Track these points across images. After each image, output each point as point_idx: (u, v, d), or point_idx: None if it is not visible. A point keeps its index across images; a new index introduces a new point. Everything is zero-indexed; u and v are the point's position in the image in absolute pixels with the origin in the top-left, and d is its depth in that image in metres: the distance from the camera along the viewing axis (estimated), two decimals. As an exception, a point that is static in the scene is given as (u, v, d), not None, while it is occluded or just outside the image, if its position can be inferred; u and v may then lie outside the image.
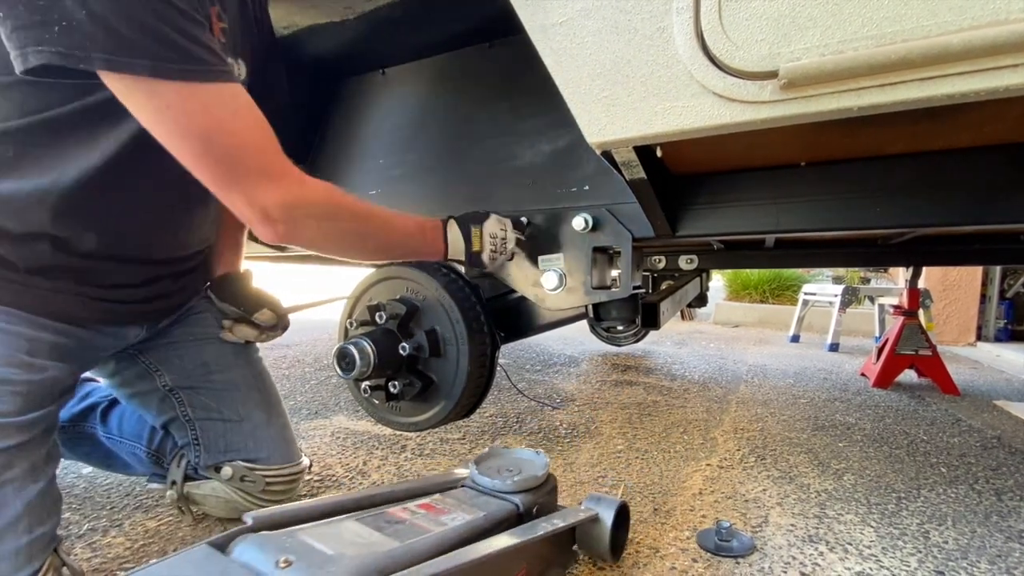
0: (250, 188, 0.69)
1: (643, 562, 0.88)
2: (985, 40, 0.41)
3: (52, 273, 0.76)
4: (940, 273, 3.62)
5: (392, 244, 0.91)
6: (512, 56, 1.16)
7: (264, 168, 0.70)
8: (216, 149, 0.65)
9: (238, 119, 0.67)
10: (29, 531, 0.70)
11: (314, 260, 2.29)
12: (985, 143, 0.82)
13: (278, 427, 1.02)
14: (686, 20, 0.52)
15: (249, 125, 0.68)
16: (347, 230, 0.83)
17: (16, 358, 0.72)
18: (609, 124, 0.59)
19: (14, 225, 0.71)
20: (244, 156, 0.68)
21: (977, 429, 1.64)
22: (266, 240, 0.73)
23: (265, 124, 0.70)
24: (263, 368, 1.08)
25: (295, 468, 1.01)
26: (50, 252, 0.74)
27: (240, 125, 0.67)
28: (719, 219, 1.02)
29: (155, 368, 0.98)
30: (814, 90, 0.48)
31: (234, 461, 0.96)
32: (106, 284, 0.82)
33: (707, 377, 2.33)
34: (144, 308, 0.90)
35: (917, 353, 2.19)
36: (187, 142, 0.64)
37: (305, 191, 0.74)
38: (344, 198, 0.81)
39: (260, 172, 0.69)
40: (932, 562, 0.89)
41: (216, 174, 0.67)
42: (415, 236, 0.93)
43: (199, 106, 0.63)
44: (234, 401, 0.99)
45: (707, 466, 1.29)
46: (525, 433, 1.52)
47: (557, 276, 1.07)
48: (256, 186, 0.69)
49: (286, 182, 0.71)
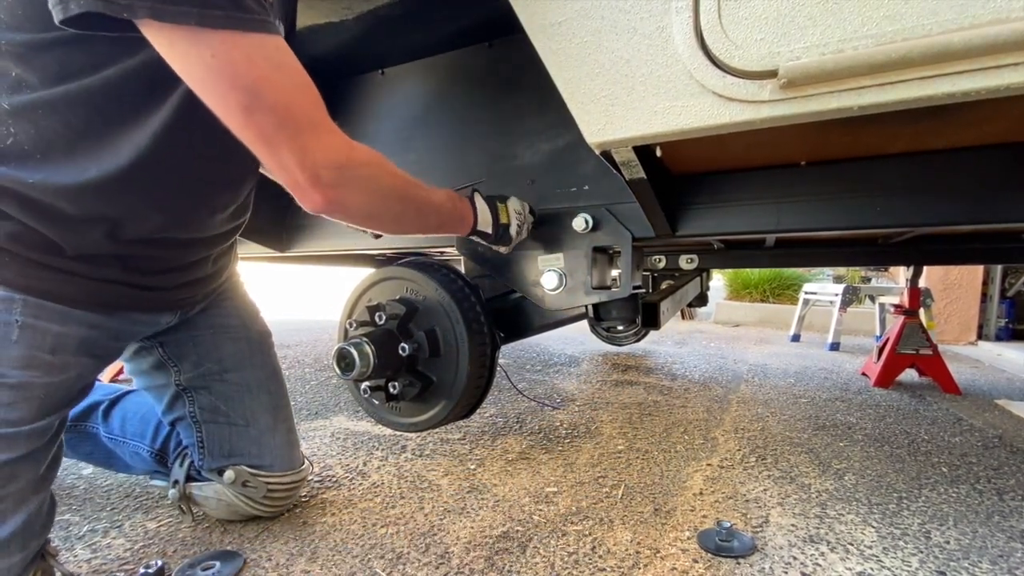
0: (302, 145, 0.64)
1: (643, 563, 0.87)
2: (986, 39, 0.41)
3: (99, 260, 0.74)
4: (941, 272, 3.61)
5: (429, 213, 0.87)
6: (511, 56, 1.15)
7: (316, 125, 0.65)
8: (265, 102, 0.61)
9: (285, 73, 0.63)
10: (23, 547, 0.69)
11: (312, 261, 2.29)
12: (986, 142, 0.82)
13: (283, 432, 1.01)
14: (685, 19, 0.52)
15: (297, 82, 0.65)
16: (392, 196, 0.79)
17: (37, 359, 0.70)
18: (608, 124, 0.58)
19: (72, 209, 0.69)
20: (295, 111, 0.63)
21: (978, 428, 1.63)
22: (312, 207, 0.69)
23: (310, 82, 0.66)
24: (276, 366, 1.07)
25: (296, 476, 1.01)
26: (102, 238, 0.72)
27: (288, 80, 0.63)
28: (719, 219, 1.02)
29: (172, 363, 0.98)
30: (814, 89, 0.47)
31: (238, 465, 0.96)
32: (151, 270, 0.81)
33: (708, 377, 2.32)
34: (181, 294, 0.89)
35: (918, 352, 2.18)
36: (234, 94, 0.60)
37: (356, 152, 0.70)
38: (388, 162, 0.78)
39: (312, 128, 0.65)
40: (934, 562, 0.89)
41: (265, 130, 0.63)
42: (446, 204, 0.91)
43: (243, 56, 0.59)
44: (243, 404, 0.98)
45: (708, 466, 1.28)
46: (525, 433, 1.52)
47: (557, 276, 1.07)
48: (308, 143, 0.64)
49: (336, 142, 0.68)
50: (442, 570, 0.85)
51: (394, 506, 1.07)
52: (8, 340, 0.68)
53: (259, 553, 0.90)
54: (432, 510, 1.06)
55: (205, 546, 0.92)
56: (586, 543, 0.93)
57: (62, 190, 0.67)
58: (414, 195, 0.83)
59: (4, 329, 0.68)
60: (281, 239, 1.54)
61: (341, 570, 0.86)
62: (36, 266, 0.70)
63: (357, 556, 0.90)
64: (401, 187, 0.80)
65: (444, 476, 1.22)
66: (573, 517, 1.02)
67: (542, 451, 1.38)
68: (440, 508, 1.06)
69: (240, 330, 1.02)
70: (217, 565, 0.84)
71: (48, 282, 0.70)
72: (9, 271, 0.68)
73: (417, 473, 1.24)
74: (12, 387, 0.68)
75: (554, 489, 1.15)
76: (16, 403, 0.68)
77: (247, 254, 1.62)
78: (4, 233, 0.67)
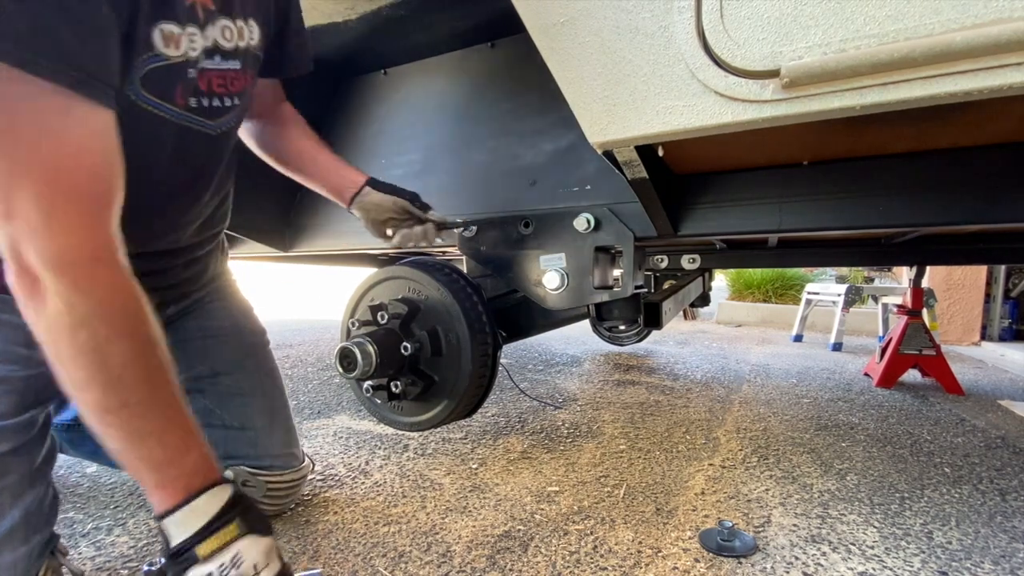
0: (17, 228, 0.53)
1: (645, 562, 0.87)
2: (988, 38, 0.41)
3: None
4: (944, 272, 3.60)
5: (131, 436, 0.58)
6: (513, 56, 1.16)
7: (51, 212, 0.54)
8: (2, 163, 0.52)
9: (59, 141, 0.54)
10: (26, 540, 0.69)
11: (315, 260, 2.29)
12: (988, 142, 0.82)
13: (280, 433, 1.01)
14: (688, 19, 0.52)
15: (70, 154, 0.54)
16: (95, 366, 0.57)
17: (12, 352, 0.70)
18: (610, 124, 0.58)
19: None
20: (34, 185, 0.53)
21: (981, 429, 1.63)
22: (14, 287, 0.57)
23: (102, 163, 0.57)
24: (271, 366, 1.07)
25: (296, 475, 1.01)
26: None
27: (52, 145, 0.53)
28: (721, 218, 1.02)
29: None
30: (816, 89, 0.48)
31: (237, 466, 0.96)
32: None
33: (710, 377, 2.32)
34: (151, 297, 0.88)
35: (921, 353, 2.18)
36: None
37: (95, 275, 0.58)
38: (145, 320, 0.62)
39: (43, 214, 0.53)
40: (936, 562, 0.89)
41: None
42: (161, 457, 0.59)
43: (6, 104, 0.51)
44: (237, 407, 0.98)
45: (709, 466, 1.28)
46: (527, 433, 1.52)
47: (559, 276, 1.07)
48: (25, 227, 0.53)
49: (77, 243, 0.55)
50: (444, 569, 0.85)
51: (396, 505, 1.08)
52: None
53: (262, 551, 0.90)
54: (434, 509, 1.06)
55: (208, 544, 0.93)
56: (588, 542, 0.93)
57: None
58: (133, 402, 0.58)
59: None
60: (284, 239, 1.54)
61: (343, 568, 0.86)
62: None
63: (359, 554, 0.90)
64: (116, 370, 0.57)
65: (446, 475, 1.22)
66: (575, 516, 1.02)
67: (544, 450, 1.38)
68: (442, 507, 1.07)
69: (231, 332, 1.01)
70: (220, 563, 0.85)
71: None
72: None
73: (419, 472, 1.24)
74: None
75: (556, 488, 1.15)
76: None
77: (250, 254, 1.62)
78: None
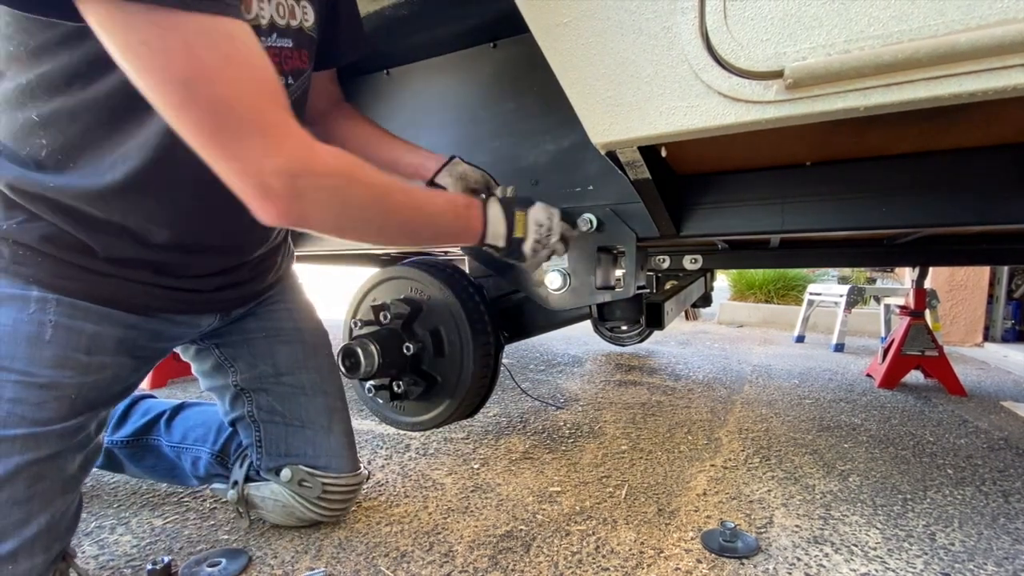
0: (244, 152, 0.56)
1: (647, 563, 0.87)
2: (993, 39, 0.41)
3: (130, 263, 0.74)
4: (947, 273, 3.59)
5: (419, 224, 0.77)
6: (516, 56, 1.16)
7: (262, 127, 0.56)
8: (199, 99, 0.52)
9: (233, 64, 0.54)
10: (47, 549, 0.68)
11: (318, 260, 2.29)
12: (992, 143, 0.82)
13: (339, 434, 0.99)
14: (691, 20, 0.52)
15: (246, 75, 0.55)
16: (367, 208, 0.69)
17: (71, 359, 0.70)
18: (613, 124, 0.58)
19: (98, 212, 0.68)
20: (238, 109, 0.54)
21: (984, 430, 1.63)
22: (267, 221, 0.61)
23: (267, 75, 0.57)
24: (333, 367, 1.05)
25: (354, 479, 0.98)
26: (130, 243, 0.72)
27: (234, 73, 0.54)
28: (724, 219, 1.02)
29: (229, 364, 0.98)
30: (820, 90, 0.47)
31: (295, 464, 0.95)
32: (184, 274, 0.80)
33: (711, 377, 2.32)
34: (218, 297, 0.87)
35: (923, 354, 2.17)
36: (166, 88, 0.52)
37: (314, 157, 0.61)
38: (362, 168, 0.67)
39: (256, 132, 0.56)
40: (938, 564, 0.89)
41: (201, 133, 0.54)
42: (445, 214, 0.80)
43: (179, 43, 0.50)
44: (298, 405, 0.98)
45: (711, 467, 1.28)
46: (529, 433, 1.52)
47: (561, 276, 1.07)
48: (251, 150, 0.56)
49: (290, 145, 0.58)
50: (446, 568, 0.86)
51: (398, 505, 1.08)
52: (41, 340, 0.68)
53: (264, 551, 0.91)
54: (436, 509, 1.06)
55: (211, 543, 0.93)
56: (590, 543, 0.93)
57: (85, 194, 0.68)
58: (398, 204, 0.73)
59: (38, 329, 0.68)
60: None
61: (346, 568, 0.86)
62: (70, 267, 0.70)
63: (362, 554, 0.90)
64: (379, 197, 0.70)
65: (448, 475, 1.22)
66: (577, 517, 1.02)
67: (546, 451, 1.38)
68: (444, 507, 1.07)
69: (293, 333, 1.01)
70: (223, 562, 0.85)
71: (81, 283, 0.70)
72: (43, 272, 0.69)
73: (421, 472, 1.24)
74: (42, 387, 0.67)
75: (558, 489, 1.15)
76: (46, 402, 0.67)
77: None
78: (38, 235, 0.68)
